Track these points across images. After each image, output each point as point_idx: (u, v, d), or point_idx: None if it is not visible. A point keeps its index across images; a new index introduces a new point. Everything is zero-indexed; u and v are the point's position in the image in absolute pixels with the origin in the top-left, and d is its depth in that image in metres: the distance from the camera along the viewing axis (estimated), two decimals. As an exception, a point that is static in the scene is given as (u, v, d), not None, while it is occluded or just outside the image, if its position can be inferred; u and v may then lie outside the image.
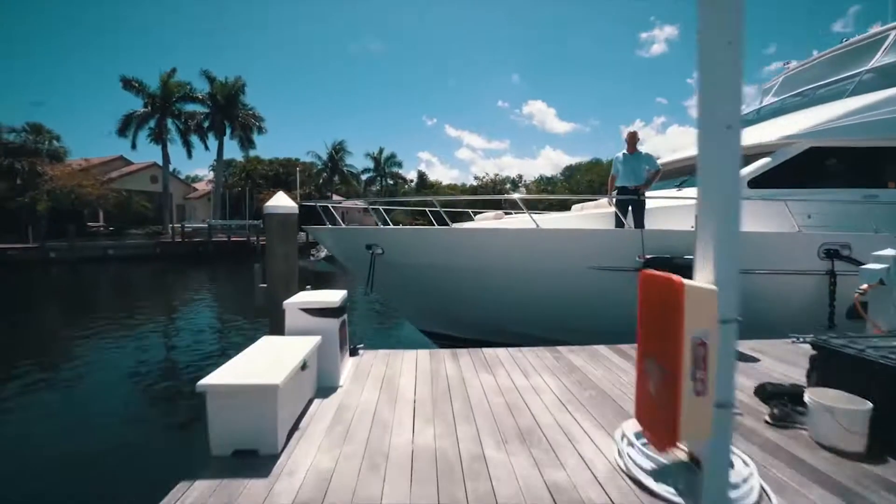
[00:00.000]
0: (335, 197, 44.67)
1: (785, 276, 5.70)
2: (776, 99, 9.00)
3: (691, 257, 5.26)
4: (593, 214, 6.21)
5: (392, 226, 6.83)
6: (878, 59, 7.34)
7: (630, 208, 5.72)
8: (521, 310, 5.98)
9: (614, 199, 5.93)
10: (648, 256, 5.45)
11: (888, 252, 4.86)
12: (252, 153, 38.48)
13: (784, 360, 4.25)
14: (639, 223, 5.64)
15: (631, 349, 4.41)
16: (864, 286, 4.83)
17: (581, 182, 52.79)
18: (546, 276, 5.68)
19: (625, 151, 6.22)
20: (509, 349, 4.29)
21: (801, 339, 4.81)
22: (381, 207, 6.95)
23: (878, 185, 6.24)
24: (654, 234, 5.49)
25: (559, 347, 4.38)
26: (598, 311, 5.77)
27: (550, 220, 5.88)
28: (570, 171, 62.73)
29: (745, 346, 4.61)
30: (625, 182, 6.06)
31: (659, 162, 9.88)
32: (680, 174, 8.25)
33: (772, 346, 4.72)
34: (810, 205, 5.90)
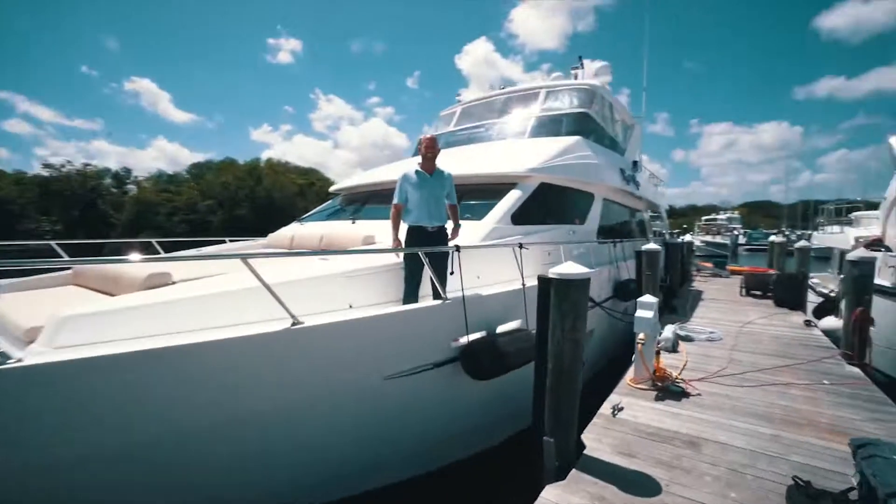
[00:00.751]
0: None
1: None
2: (458, 127, 9.09)
3: (513, 329, 3.34)
4: (362, 272, 3.72)
5: None
6: (540, 110, 8.30)
7: (428, 262, 3.66)
8: (244, 470, 2.87)
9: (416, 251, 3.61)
10: (466, 339, 3.60)
11: (649, 299, 4.97)
12: None
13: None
14: (442, 284, 3.69)
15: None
16: (642, 335, 4.76)
17: (214, 184, 45.15)
18: (301, 412, 2.86)
19: (418, 168, 3.99)
20: None
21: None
22: None
23: (572, 221, 6.75)
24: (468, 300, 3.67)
25: None
26: (394, 440, 3.46)
27: (280, 276, 3.02)
28: (198, 170, 53.14)
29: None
30: (422, 220, 3.86)
31: (334, 188, 7.96)
32: (351, 202, 7.08)
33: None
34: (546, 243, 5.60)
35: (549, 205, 6.02)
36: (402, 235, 3.94)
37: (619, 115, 10.20)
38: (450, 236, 4.02)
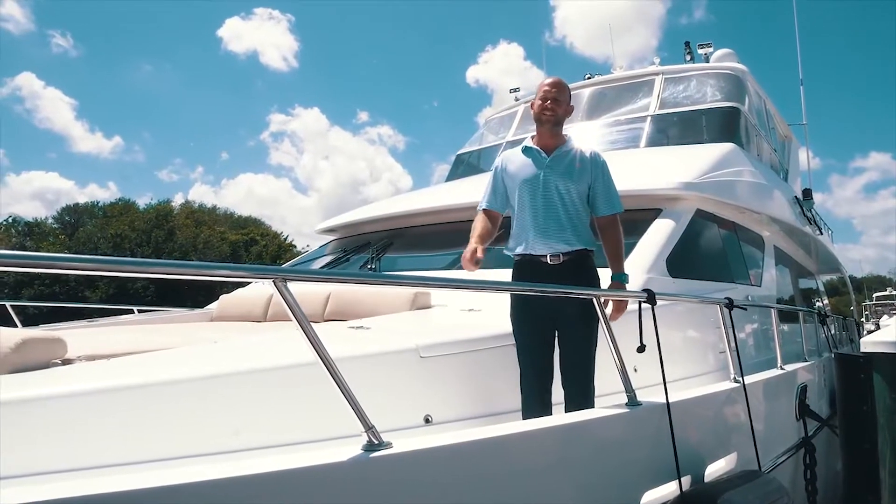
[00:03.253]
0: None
1: None
2: (522, 135, 5.73)
3: (741, 474, 2.33)
4: (444, 352, 1.91)
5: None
6: (657, 106, 5.71)
7: (565, 325, 2.04)
8: None
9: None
10: (676, 487, 1.85)
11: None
12: None
13: None
14: (587, 369, 2.04)
15: None
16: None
17: (98, 238, 27.97)
18: None
19: (529, 144, 2.23)
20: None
21: None
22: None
23: (745, 279, 4.35)
24: None
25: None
26: None
27: None
28: (75, 216, 33.97)
29: None
30: (533, 242, 2.09)
31: (326, 224, 5.29)
32: (359, 247, 4.47)
33: None
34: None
35: (706, 249, 4.05)
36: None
37: (775, 120, 7.39)
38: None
